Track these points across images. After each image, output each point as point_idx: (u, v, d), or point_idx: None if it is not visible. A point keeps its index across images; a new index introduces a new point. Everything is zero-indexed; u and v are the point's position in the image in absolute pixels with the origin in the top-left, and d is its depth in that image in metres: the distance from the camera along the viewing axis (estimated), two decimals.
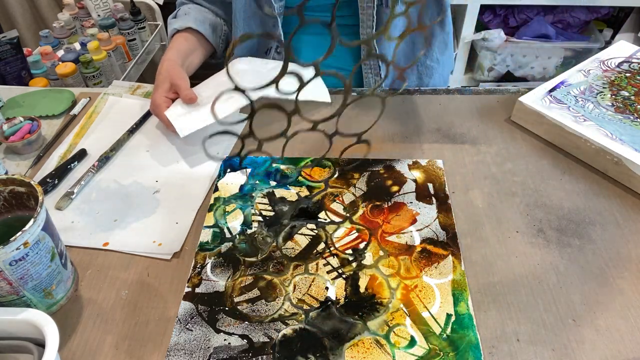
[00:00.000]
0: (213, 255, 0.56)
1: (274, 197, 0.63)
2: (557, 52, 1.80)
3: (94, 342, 0.50)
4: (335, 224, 0.60)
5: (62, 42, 1.46)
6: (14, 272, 0.45)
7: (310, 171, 0.67)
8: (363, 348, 0.48)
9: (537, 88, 0.75)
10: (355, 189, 0.64)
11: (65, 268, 0.52)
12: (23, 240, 0.44)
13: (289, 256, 0.56)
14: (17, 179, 0.49)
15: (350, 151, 0.71)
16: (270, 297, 0.52)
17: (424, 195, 0.63)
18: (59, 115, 0.79)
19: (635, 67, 0.79)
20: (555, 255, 0.56)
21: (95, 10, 1.50)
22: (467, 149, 0.71)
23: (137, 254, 0.58)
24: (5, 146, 0.72)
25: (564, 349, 0.48)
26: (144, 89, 0.84)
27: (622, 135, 0.66)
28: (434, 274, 0.54)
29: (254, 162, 0.68)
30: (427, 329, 0.49)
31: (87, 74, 1.30)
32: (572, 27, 1.80)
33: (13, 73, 1.18)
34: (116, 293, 0.54)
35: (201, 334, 0.49)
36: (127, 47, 1.48)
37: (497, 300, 0.52)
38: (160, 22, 1.66)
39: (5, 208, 0.51)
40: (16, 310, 0.44)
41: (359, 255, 0.56)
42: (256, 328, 0.49)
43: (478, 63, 1.87)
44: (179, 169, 0.69)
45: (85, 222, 0.61)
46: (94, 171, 0.68)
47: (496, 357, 0.47)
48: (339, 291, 0.52)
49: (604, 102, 0.72)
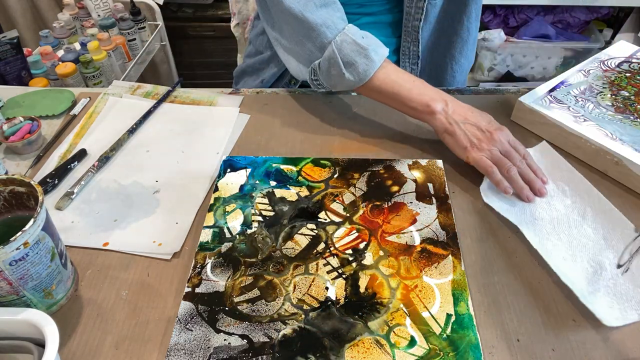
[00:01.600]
0: (213, 255, 0.56)
1: (274, 197, 0.63)
2: (557, 52, 1.80)
3: (94, 342, 0.50)
4: (335, 224, 0.60)
5: (62, 42, 1.46)
6: (14, 272, 0.45)
7: (310, 171, 0.67)
8: (363, 348, 0.48)
9: (537, 88, 0.75)
10: (355, 189, 0.64)
11: (65, 268, 0.52)
12: (23, 240, 0.44)
13: (289, 256, 0.56)
14: (17, 179, 0.49)
15: (350, 151, 0.71)
16: (270, 297, 0.52)
17: (424, 195, 0.63)
18: (59, 115, 0.79)
19: (635, 67, 0.79)
20: None
21: (95, 10, 1.50)
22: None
23: (137, 254, 0.58)
24: (5, 146, 0.72)
25: (564, 349, 0.48)
26: (144, 89, 0.84)
27: (622, 135, 0.66)
28: (434, 274, 0.54)
29: (254, 162, 0.68)
30: (427, 329, 0.49)
31: (87, 74, 1.30)
32: (572, 27, 1.80)
33: (13, 73, 1.18)
34: (116, 293, 0.54)
35: (201, 334, 0.49)
36: (127, 47, 1.48)
37: (497, 300, 0.52)
38: (160, 22, 1.66)
39: (5, 208, 0.51)
40: (16, 310, 0.44)
41: (359, 255, 0.56)
42: (256, 328, 0.49)
43: (478, 63, 1.87)
44: (179, 169, 0.69)
45: (85, 222, 0.61)
46: (94, 171, 0.68)
47: (496, 357, 0.47)
48: (339, 291, 0.53)
49: (604, 102, 0.72)
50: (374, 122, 0.76)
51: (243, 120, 0.77)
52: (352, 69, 0.66)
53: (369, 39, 0.67)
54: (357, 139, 0.73)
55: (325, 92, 0.82)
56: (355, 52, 0.65)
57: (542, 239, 0.57)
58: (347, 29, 0.66)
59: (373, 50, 0.65)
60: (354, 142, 0.72)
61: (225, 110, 0.79)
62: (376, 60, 0.65)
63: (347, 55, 0.65)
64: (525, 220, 0.59)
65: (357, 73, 0.66)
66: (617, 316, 0.49)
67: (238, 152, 0.71)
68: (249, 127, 0.76)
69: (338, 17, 0.67)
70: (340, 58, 0.65)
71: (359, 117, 0.77)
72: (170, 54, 1.80)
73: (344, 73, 0.66)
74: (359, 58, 0.65)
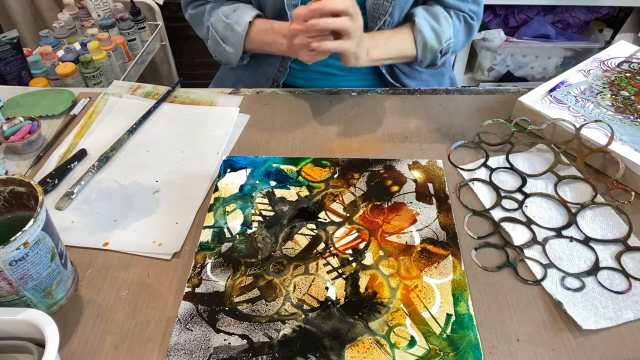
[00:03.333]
0: (213, 255, 0.56)
1: (274, 197, 0.63)
2: (557, 52, 1.80)
3: (94, 342, 0.50)
4: (335, 224, 0.60)
5: (62, 42, 1.46)
6: (14, 272, 0.45)
7: (310, 171, 0.67)
8: (363, 348, 0.48)
9: (537, 88, 0.75)
10: (355, 189, 0.64)
11: (65, 268, 0.52)
12: (23, 240, 0.44)
13: (289, 256, 0.56)
14: (17, 179, 0.49)
15: (350, 151, 0.71)
16: (270, 297, 0.52)
17: (424, 195, 0.63)
18: (59, 115, 0.79)
19: (635, 67, 0.79)
20: None
21: (95, 10, 1.50)
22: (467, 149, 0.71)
23: (137, 254, 0.58)
24: (5, 146, 0.72)
25: (564, 349, 0.48)
26: (144, 89, 0.84)
27: (622, 135, 0.66)
28: (434, 274, 0.54)
29: (254, 162, 0.68)
30: (427, 329, 0.49)
31: (87, 74, 1.30)
32: (572, 27, 1.80)
33: (13, 73, 1.18)
34: (116, 293, 0.54)
35: (201, 334, 0.49)
36: (127, 47, 1.48)
37: (497, 300, 0.52)
38: (160, 22, 1.66)
39: (5, 208, 0.51)
40: (16, 310, 0.44)
41: (359, 255, 0.56)
42: (256, 328, 0.49)
43: (478, 63, 1.87)
44: (179, 169, 0.69)
45: (85, 222, 0.61)
46: (94, 171, 0.68)
47: (496, 357, 0.47)
48: (339, 291, 0.52)
49: (604, 102, 0.72)
50: (374, 122, 0.76)
51: (243, 120, 0.77)
52: (227, 42, 0.81)
53: (236, 12, 0.79)
54: (357, 139, 0.73)
55: (325, 92, 0.82)
56: (225, 28, 0.79)
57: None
58: (220, 10, 0.80)
59: (235, 22, 0.78)
60: (354, 142, 0.72)
61: (225, 110, 0.79)
62: (240, 30, 0.78)
63: (221, 32, 0.80)
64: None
65: (232, 45, 0.80)
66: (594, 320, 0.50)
67: (238, 152, 0.71)
68: (249, 127, 0.76)
69: (213, 4, 0.82)
70: (217, 36, 0.81)
71: (359, 117, 0.77)
72: (170, 54, 1.79)
73: (224, 47, 0.81)
74: (228, 32, 0.79)
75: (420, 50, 0.77)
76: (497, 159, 0.68)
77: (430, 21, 0.76)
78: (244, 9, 0.79)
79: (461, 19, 0.80)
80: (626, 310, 0.50)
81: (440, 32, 0.76)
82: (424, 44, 0.76)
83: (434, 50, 0.77)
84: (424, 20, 0.76)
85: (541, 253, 0.56)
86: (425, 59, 0.78)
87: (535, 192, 0.63)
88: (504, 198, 0.62)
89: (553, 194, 0.63)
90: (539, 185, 0.64)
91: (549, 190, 0.63)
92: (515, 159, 0.68)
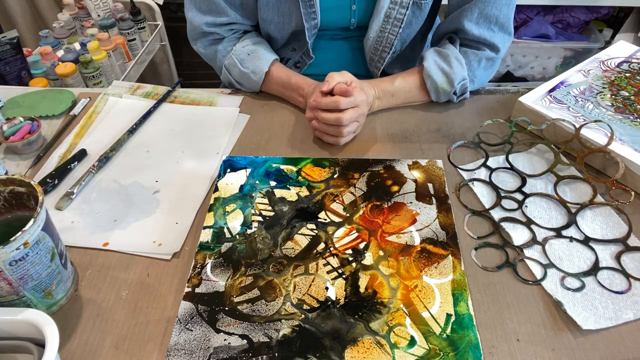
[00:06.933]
0: (213, 255, 0.56)
1: (274, 197, 0.63)
2: (557, 52, 1.80)
3: (94, 342, 0.50)
4: (335, 224, 0.60)
5: (62, 42, 1.46)
6: (14, 272, 0.45)
7: (310, 171, 0.67)
8: (363, 348, 0.48)
9: (537, 88, 0.75)
10: (355, 189, 0.64)
11: (65, 268, 0.52)
12: (23, 240, 0.44)
13: (289, 256, 0.56)
14: (17, 179, 0.49)
15: (350, 151, 0.71)
16: (270, 297, 0.52)
17: (424, 195, 0.63)
18: (59, 116, 0.79)
19: (635, 67, 0.79)
20: None
21: (95, 10, 1.50)
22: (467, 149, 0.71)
23: (137, 254, 0.58)
24: (5, 146, 0.72)
25: (564, 349, 0.48)
26: (144, 89, 0.84)
27: (622, 135, 0.66)
28: (434, 274, 0.54)
29: (254, 162, 0.68)
30: (427, 329, 0.49)
31: (87, 74, 1.30)
32: (572, 27, 1.80)
33: (13, 73, 1.18)
34: (116, 293, 0.54)
35: (201, 334, 0.49)
36: (127, 47, 1.48)
37: (497, 300, 0.52)
38: (160, 22, 1.66)
39: (5, 208, 0.51)
40: (16, 310, 0.44)
41: (359, 255, 0.56)
42: (256, 328, 0.49)
43: None
44: (179, 169, 0.69)
45: (85, 222, 0.61)
46: (94, 171, 0.68)
47: (496, 357, 0.47)
48: (339, 291, 0.53)
49: (603, 102, 0.72)
50: (374, 122, 0.76)
51: (243, 120, 0.77)
52: (242, 85, 0.83)
53: (251, 58, 0.80)
54: (357, 139, 0.73)
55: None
56: (240, 76, 0.81)
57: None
58: (234, 52, 0.81)
59: (252, 72, 0.79)
60: (354, 142, 0.72)
61: (225, 110, 0.79)
62: (257, 80, 0.80)
63: (236, 77, 0.82)
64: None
65: (247, 88, 0.83)
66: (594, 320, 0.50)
67: (238, 152, 0.71)
68: (249, 127, 0.76)
69: (225, 44, 0.82)
70: (233, 79, 0.83)
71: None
72: (170, 54, 1.79)
73: (240, 87, 0.84)
74: (244, 80, 0.81)
75: (434, 93, 0.77)
76: (497, 159, 0.68)
77: (440, 63, 0.75)
78: (258, 53, 0.80)
79: (481, 57, 0.76)
80: (626, 310, 0.50)
81: (451, 75, 0.75)
82: (435, 88, 0.76)
83: (447, 93, 0.76)
84: (434, 63, 0.75)
85: (541, 253, 0.56)
86: (440, 99, 0.78)
87: (535, 192, 0.63)
88: (503, 198, 0.63)
89: (553, 194, 0.63)
90: (539, 185, 0.64)
91: (548, 190, 0.63)
92: (515, 159, 0.68)
